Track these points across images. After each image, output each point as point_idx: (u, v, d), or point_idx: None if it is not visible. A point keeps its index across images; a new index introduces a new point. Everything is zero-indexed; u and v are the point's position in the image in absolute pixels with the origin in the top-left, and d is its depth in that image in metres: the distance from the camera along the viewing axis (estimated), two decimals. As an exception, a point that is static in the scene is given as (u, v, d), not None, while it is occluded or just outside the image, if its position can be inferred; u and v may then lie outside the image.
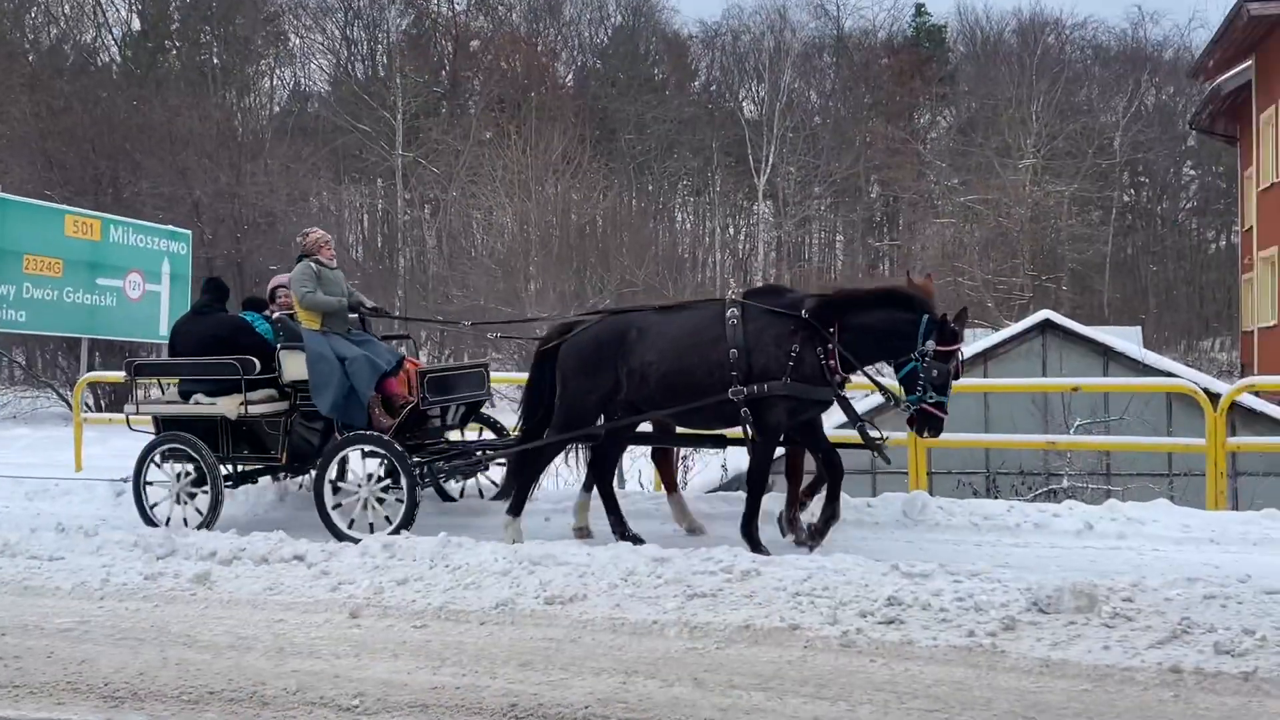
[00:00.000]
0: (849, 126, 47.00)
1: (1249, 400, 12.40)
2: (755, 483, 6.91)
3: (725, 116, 47.81)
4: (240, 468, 8.37)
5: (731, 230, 49.86)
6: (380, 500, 7.46)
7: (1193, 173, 49.35)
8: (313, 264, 7.92)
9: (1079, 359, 13.83)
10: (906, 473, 8.58)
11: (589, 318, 7.63)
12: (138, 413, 8.52)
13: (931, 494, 8.00)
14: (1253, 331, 26.27)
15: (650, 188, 47.98)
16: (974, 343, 14.32)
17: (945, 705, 4.32)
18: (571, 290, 29.40)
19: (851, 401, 7.13)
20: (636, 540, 6.98)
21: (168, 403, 8.45)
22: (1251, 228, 26.70)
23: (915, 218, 43.75)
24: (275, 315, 8.31)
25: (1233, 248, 38.62)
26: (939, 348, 6.48)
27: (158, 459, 8.05)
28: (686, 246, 45.88)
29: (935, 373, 6.48)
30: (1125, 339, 26.63)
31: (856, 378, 6.98)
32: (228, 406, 7.92)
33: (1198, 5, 59.70)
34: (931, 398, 6.54)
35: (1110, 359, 13.81)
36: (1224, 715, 4.21)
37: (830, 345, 6.64)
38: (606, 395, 7.15)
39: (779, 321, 6.76)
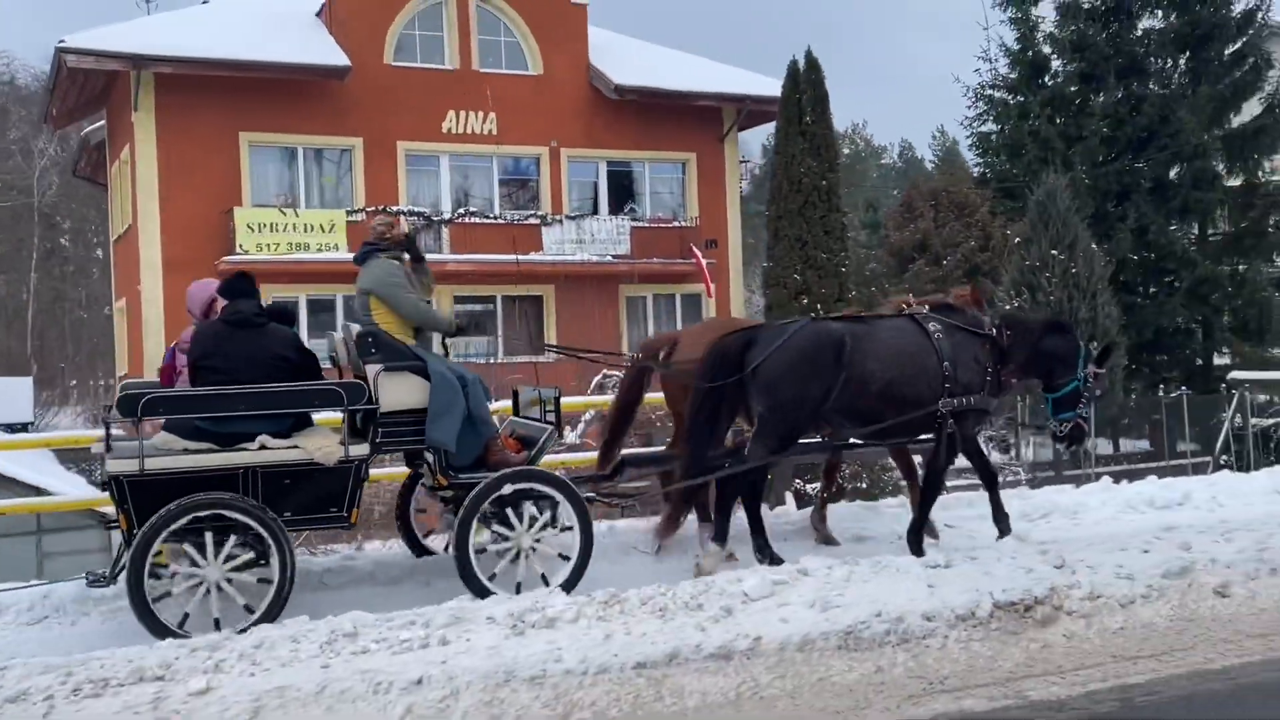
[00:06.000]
0: None
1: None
2: (933, 491, 7.45)
3: None
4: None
5: None
6: (534, 550, 6.56)
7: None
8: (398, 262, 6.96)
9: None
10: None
11: (780, 326, 7.27)
12: (141, 472, 5.90)
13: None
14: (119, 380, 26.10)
15: None
16: None
17: None
18: None
19: None
20: (776, 561, 6.79)
21: (199, 452, 6.05)
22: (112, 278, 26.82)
23: None
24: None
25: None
26: (1098, 370, 7.59)
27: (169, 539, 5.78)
28: None
29: (1099, 392, 7.60)
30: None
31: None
32: (322, 449, 6.20)
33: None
34: (1085, 414, 7.58)
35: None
36: None
37: (1011, 365, 7.38)
38: (816, 405, 6.98)
39: (975, 339, 7.34)
